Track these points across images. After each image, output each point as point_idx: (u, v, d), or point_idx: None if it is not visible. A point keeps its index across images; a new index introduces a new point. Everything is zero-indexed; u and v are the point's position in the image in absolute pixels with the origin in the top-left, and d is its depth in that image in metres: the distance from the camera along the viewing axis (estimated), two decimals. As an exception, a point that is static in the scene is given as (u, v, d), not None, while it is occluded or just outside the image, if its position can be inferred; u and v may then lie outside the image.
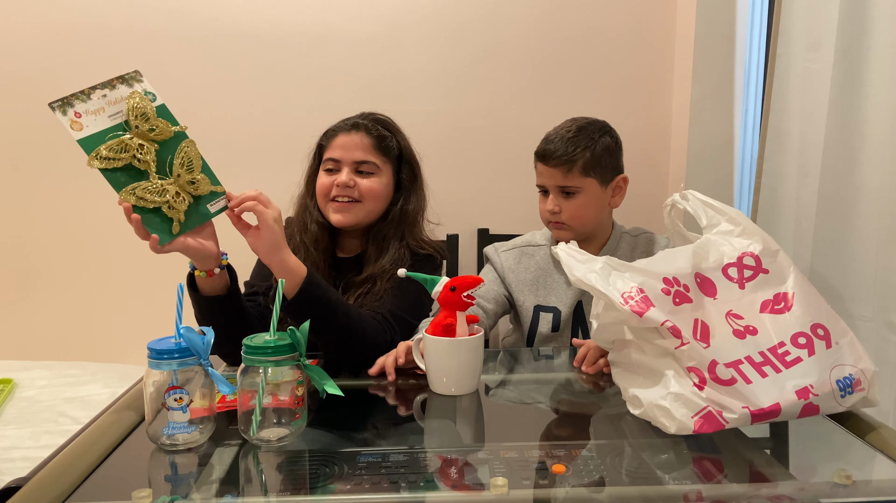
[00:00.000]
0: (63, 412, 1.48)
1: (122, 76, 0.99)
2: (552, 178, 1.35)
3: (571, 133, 1.34)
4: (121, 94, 0.98)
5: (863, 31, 1.24)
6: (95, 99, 0.96)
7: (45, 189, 1.97)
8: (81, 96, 0.95)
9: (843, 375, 0.90)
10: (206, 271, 1.08)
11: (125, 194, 0.98)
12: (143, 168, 0.99)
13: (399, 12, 1.94)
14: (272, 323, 0.89)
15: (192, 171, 1.03)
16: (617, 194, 1.41)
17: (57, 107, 0.94)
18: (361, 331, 1.17)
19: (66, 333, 2.02)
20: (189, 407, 0.86)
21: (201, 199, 1.05)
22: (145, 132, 0.99)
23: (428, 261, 1.37)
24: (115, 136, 0.97)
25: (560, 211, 1.35)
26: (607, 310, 0.98)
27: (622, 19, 1.97)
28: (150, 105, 1.00)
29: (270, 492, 0.78)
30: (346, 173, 1.32)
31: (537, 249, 1.49)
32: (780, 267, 1.00)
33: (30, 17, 1.91)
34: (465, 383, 1.06)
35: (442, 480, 0.78)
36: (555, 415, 1.04)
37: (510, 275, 1.48)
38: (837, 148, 1.29)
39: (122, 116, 0.98)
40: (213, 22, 1.92)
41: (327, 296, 1.13)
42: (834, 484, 0.76)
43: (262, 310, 1.28)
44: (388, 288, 1.29)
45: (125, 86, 0.99)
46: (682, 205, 1.10)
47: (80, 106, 0.95)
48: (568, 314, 1.42)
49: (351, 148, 1.33)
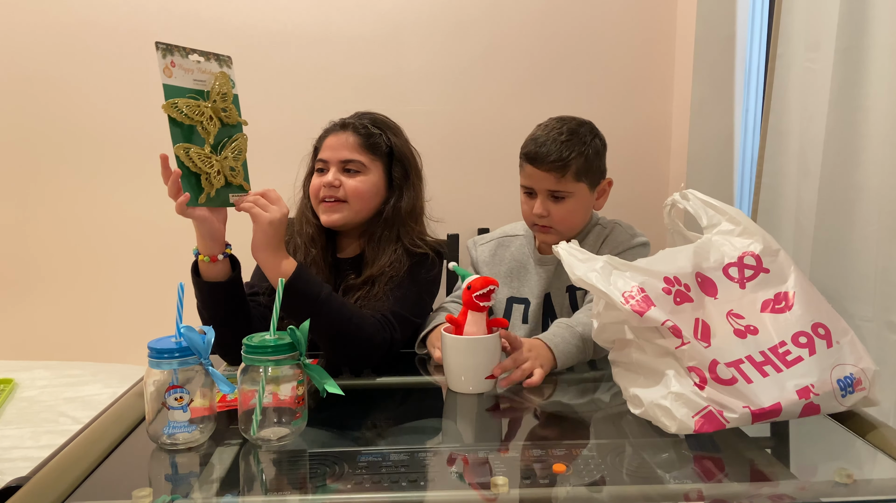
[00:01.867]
0: (63, 412, 1.48)
1: (217, 54, 1.09)
2: (543, 181, 1.31)
3: (564, 136, 1.30)
4: (210, 68, 1.08)
5: (863, 31, 1.24)
6: (191, 60, 1.05)
7: (46, 189, 1.97)
8: (182, 51, 1.04)
9: (844, 375, 0.90)
10: (209, 256, 1.11)
11: (179, 148, 1.04)
12: (204, 136, 1.07)
13: (399, 12, 1.95)
14: (272, 322, 0.89)
15: (238, 160, 1.11)
16: (601, 196, 1.39)
17: (161, 48, 1.02)
18: (356, 328, 1.17)
19: (67, 333, 2.02)
20: (189, 406, 0.86)
21: (231, 187, 1.11)
22: (218, 109, 1.08)
23: (422, 260, 1.34)
24: (194, 99, 1.06)
25: (548, 214, 1.32)
26: (608, 310, 0.98)
27: (622, 19, 1.97)
28: (231, 90, 1.10)
29: (271, 492, 0.78)
30: (332, 173, 1.32)
31: (513, 240, 1.48)
32: (781, 266, 0.99)
33: (30, 17, 1.91)
34: (470, 382, 1.07)
35: (442, 480, 0.78)
36: (555, 415, 1.04)
37: (484, 268, 1.47)
38: (838, 148, 1.29)
39: (204, 86, 1.07)
40: (213, 22, 1.92)
41: (315, 292, 1.13)
42: (835, 483, 0.76)
43: (262, 310, 1.28)
44: (387, 290, 1.28)
45: (216, 63, 1.09)
46: (683, 204, 1.10)
47: (177, 58, 1.04)
48: (537, 305, 1.40)
49: (338, 147, 1.33)
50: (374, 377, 1.18)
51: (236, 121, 1.12)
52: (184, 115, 1.04)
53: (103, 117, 1.94)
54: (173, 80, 1.03)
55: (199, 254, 1.12)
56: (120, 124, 1.94)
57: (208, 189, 1.07)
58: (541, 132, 1.34)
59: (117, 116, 1.94)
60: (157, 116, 1.02)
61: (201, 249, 1.12)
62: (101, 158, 1.95)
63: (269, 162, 1.95)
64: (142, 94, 1.91)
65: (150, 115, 1.93)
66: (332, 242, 1.40)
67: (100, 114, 1.94)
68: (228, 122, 1.10)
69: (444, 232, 1.84)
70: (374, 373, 1.20)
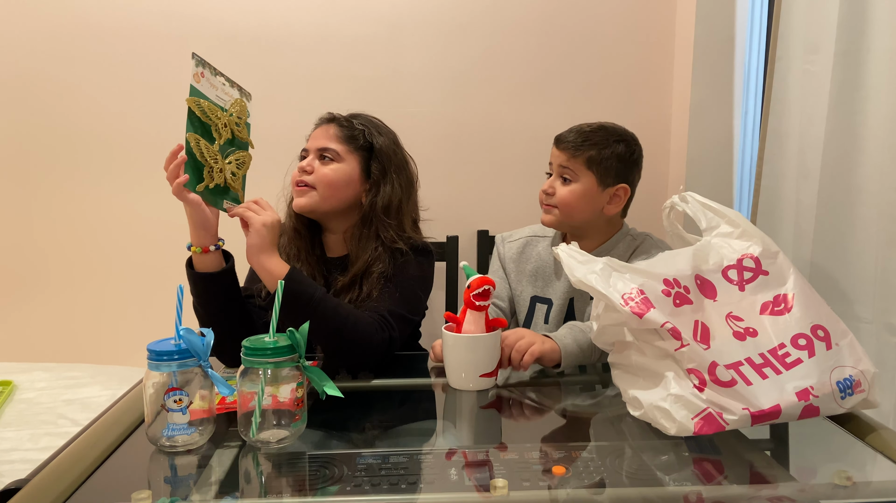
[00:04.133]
0: (62, 414, 1.48)
1: (240, 86, 1.20)
2: (557, 158, 1.37)
3: (592, 128, 1.36)
4: (232, 93, 1.18)
5: (862, 34, 1.24)
6: (218, 80, 1.15)
7: (45, 191, 1.97)
8: (212, 68, 1.14)
9: (844, 377, 0.90)
10: (201, 247, 1.16)
11: (191, 136, 1.10)
12: (215, 137, 1.14)
13: (399, 12, 1.95)
14: (271, 324, 0.89)
15: (241, 169, 1.20)
16: (614, 202, 1.38)
17: (197, 59, 1.10)
18: (352, 328, 1.16)
19: (66, 335, 2.02)
20: (188, 408, 0.86)
21: (227, 193, 1.18)
22: (233, 123, 1.17)
23: (410, 258, 1.33)
24: (216, 106, 1.14)
25: (553, 193, 1.36)
26: (607, 312, 0.98)
27: (622, 20, 1.97)
28: (246, 117, 1.21)
29: (270, 494, 0.78)
30: (308, 160, 1.34)
31: (542, 240, 1.50)
32: (780, 268, 1.00)
33: (30, 17, 1.91)
34: (469, 379, 1.09)
35: (442, 482, 0.78)
36: (555, 417, 1.04)
37: (510, 264, 1.50)
38: (837, 150, 1.29)
39: (224, 104, 1.16)
40: (213, 23, 1.92)
41: (308, 293, 1.14)
42: (834, 485, 0.76)
43: (258, 312, 1.28)
44: (378, 288, 1.28)
45: (237, 91, 1.19)
46: (682, 207, 1.10)
47: (207, 73, 1.12)
48: (560, 307, 1.41)
49: (318, 137, 1.36)
50: (373, 379, 1.18)
51: (245, 139, 1.21)
52: (203, 114, 1.11)
53: (102, 119, 1.94)
54: (200, 86, 1.11)
55: (191, 246, 1.17)
56: (119, 126, 1.94)
57: (208, 181, 1.13)
58: (578, 124, 1.40)
59: (116, 118, 1.94)
60: (158, 119, 1.03)
61: (193, 241, 1.16)
62: (101, 160, 1.95)
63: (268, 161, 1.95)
64: (144, 96, 1.91)
65: (152, 117, 1.94)
66: (319, 243, 1.41)
67: (98, 116, 1.94)
68: (239, 136, 1.19)
69: (443, 233, 1.84)
70: (372, 375, 1.20)
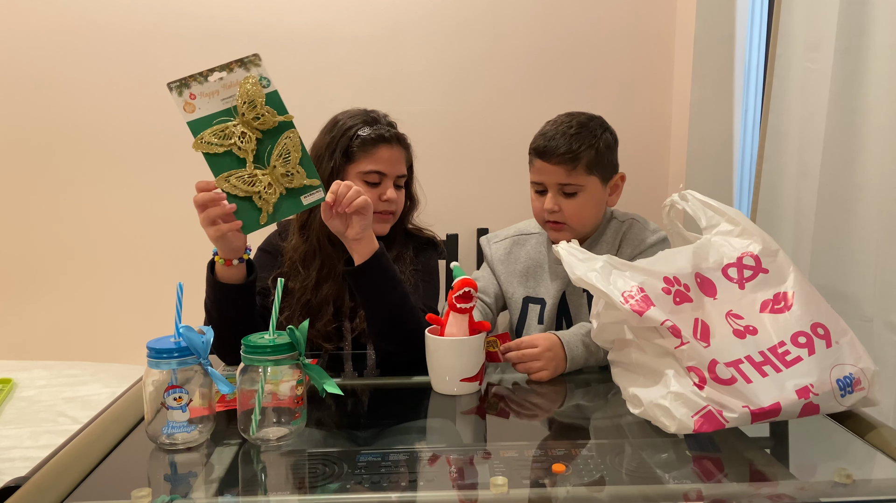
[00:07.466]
0: (62, 412, 1.48)
1: (241, 59, 1.00)
2: (553, 175, 1.29)
3: (573, 129, 1.29)
4: (237, 78, 1.00)
5: (862, 31, 1.24)
6: (212, 81, 0.99)
7: (45, 189, 1.97)
8: (199, 78, 0.98)
9: (844, 375, 0.90)
10: (224, 259, 1.13)
11: (220, 181, 1.01)
12: (242, 156, 1.02)
13: (399, 12, 1.94)
14: (272, 322, 0.89)
15: (289, 162, 1.05)
16: (614, 192, 1.37)
17: (175, 87, 0.97)
18: (416, 317, 1.18)
19: (66, 333, 2.02)
20: (188, 406, 0.86)
21: (296, 191, 1.06)
22: (250, 120, 1.01)
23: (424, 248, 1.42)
24: (222, 122, 1.00)
25: (559, 210, 1.30)
26: (607, 310, 0.98)
27: (622, 19, 1.97)
28: (260, 92, 1.01)
29: (270, 492, 0.78)
30: (392, 189, 1.33)
31: (529, 238, 1.45)
32: (780, 267, 0.99)
33: (30, 17, 1.91)
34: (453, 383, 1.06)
35: (442, 480, 0.78)
36: (555, 415, 1.04)
37: (499, 266, 1.45)
38: (837, 148, 1.29)
39: (234, 101, 1.00)
40: (213, 22, 1.92)
41: (392, 271, 1.17)
42: (834, 483, 0.76)
43: (260, 310, 1.28)
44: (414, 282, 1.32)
45: (242, 69, 1.01)
46: (682, 205, 1.10)
47: (196, 88, 0.98)
48: (553, 306, 1.38)
49: (395, 163, 1.34)
50: (374, 377, 1.18)
51: (275, 122, 1.04)
52: (212, 146, 1.00)
53: (102, 118, 1.94)
54: (196, 113, 0.99)
55: (216, 252, 1.14)
56: (119, 125, 1.94)
57: (265, 207, 1.04)
58: (550, 127, 1.33)
59: (116, 117, 1.93)
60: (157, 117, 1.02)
61: (221, 253, 1.13)
62: (101, 158, 1.95)
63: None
64: (142, 94, 1.91)
65: (149, 115, 1.94)
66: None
67: (98, 114, 1.94)
68: (265, 127, 1.03)
69: (443, 231, 1.84)
70: (374, 374, 1.20)
